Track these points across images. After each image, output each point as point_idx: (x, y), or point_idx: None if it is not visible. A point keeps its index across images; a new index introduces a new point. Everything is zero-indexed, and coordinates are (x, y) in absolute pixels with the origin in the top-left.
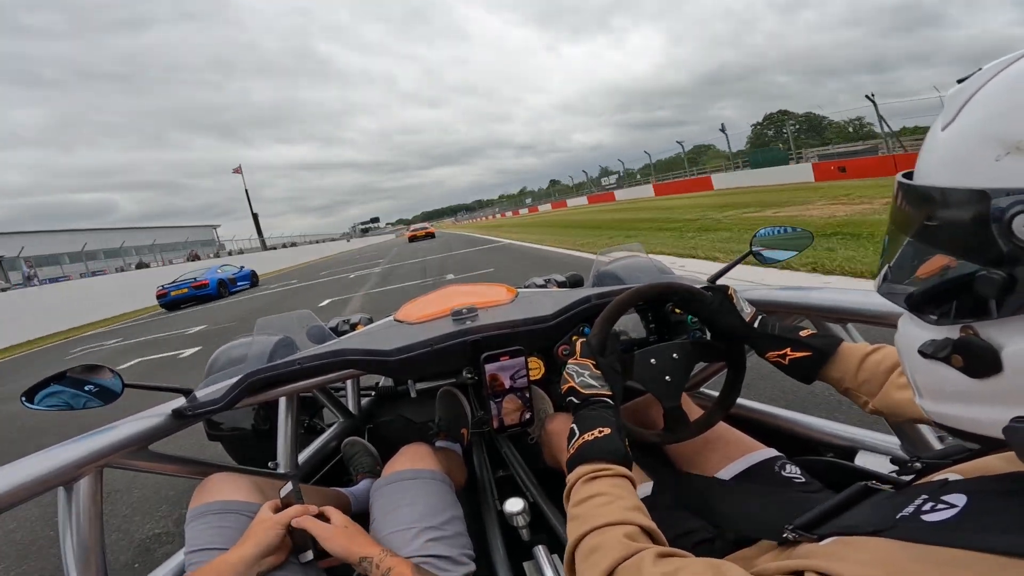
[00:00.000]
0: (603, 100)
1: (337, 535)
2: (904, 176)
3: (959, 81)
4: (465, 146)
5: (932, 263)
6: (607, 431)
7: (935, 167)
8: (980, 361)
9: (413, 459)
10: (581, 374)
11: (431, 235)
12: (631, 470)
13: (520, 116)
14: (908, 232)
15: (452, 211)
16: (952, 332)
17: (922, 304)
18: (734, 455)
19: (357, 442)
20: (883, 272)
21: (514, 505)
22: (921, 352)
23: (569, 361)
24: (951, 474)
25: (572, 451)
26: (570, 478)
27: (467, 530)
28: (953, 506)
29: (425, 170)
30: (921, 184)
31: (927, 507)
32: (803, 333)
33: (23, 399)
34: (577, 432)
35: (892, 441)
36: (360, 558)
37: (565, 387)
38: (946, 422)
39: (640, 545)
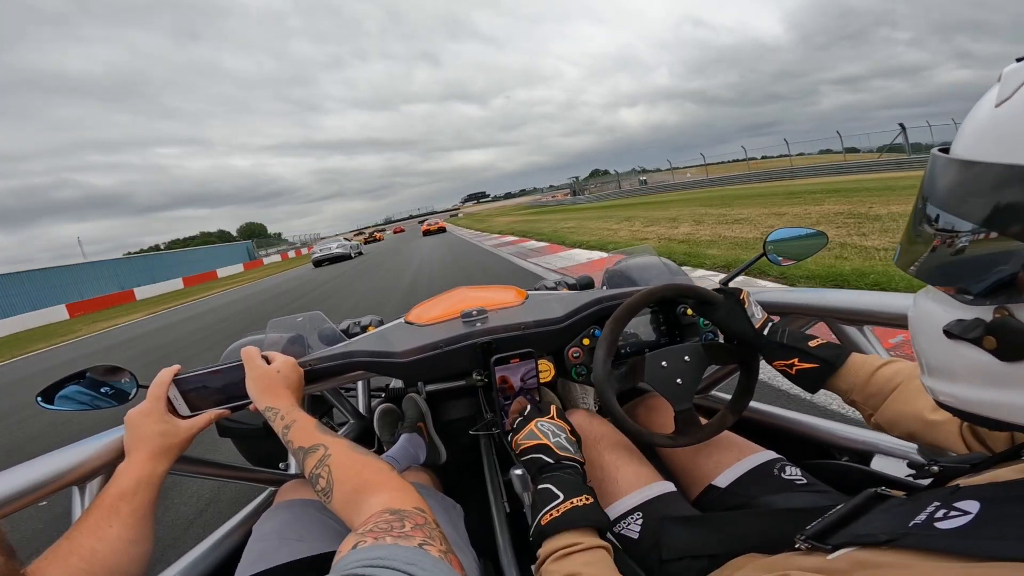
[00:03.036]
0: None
1: (257, 379)
2: (941, 150)
3: (1018, 59)
4: (508, 124)
5: (976, 242)
6: (591, 500)
7: (987, 143)
8: (1016, 344)
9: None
10: (558, 435)
11: (443, 229)
12: (609, 543)
13: (591, 93)
14: (949, 209)
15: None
16: (983, 313)
17: (960, 283)
18: (729, 460)
19: (389, 409)
20: (910, 251)
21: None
22: (947, 332)
23: (540, 419)
24: (962, 482)
25: (556, 514)
26: (544, 548)
27: (469, 541)
28: (967, 513)
29: (464, 151)
30: (973, 159)
31: (940, 514)
32: (812, 343)
33: (39, 399)
34: (562, 496)
35: (909, 445)
36: (266, 407)
37: (533, 443)
38: (961, 405)
39: None
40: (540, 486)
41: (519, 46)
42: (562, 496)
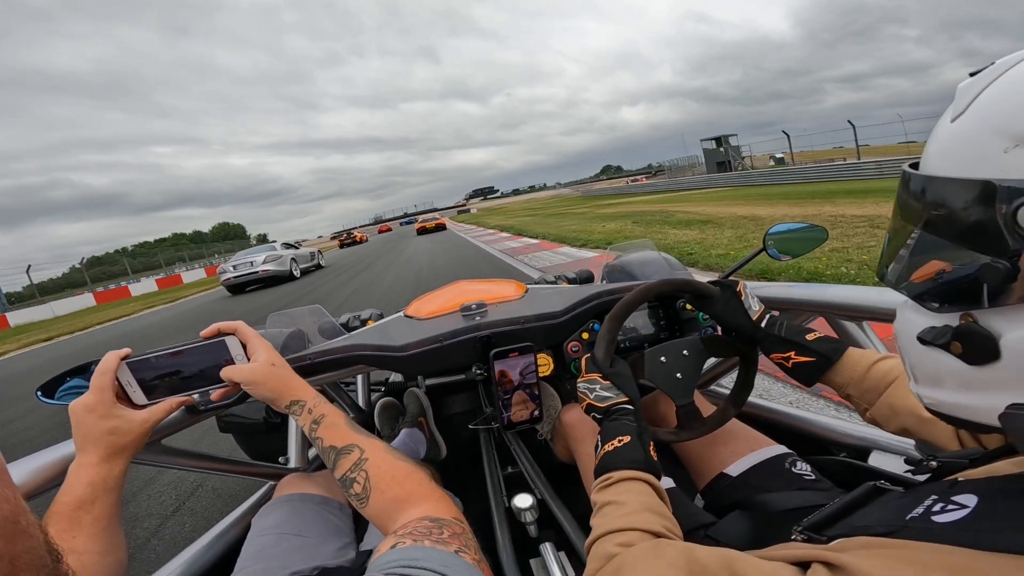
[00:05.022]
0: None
1: (267, 377)
2: (911, 166)
3: (971, 74)
4: (508, 123)
5: (936, 252)
6: (626, 439)
7: (943, 157)
8: (979, 348)
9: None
10: (592, 389)
11: (442, 227)
12: (653, 472)
13: (592, 91)
14: (912, 221)
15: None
16: (952, 319)
17: (924, 292)
18: (742, 451)
19: (390, 403)
20: (886, 260)
21: (523, 501)
22: (920, 339)
23: (578, 381)
24: (960, 476)
25: (596, 462)
26: (591, 490)
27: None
28: (964, 507)
29: (468, 150)
30: (928, 174)
31: (937, 508)
32: (810, 337)
33: (39, 394)
34: (600, 444)
35: (907, 441)
36: (291, 402)
37: (583, 405)
38: (941, 408)
39: (619, 550)
40: (597, 437)
41: (520, 42)
42: (600, 444)
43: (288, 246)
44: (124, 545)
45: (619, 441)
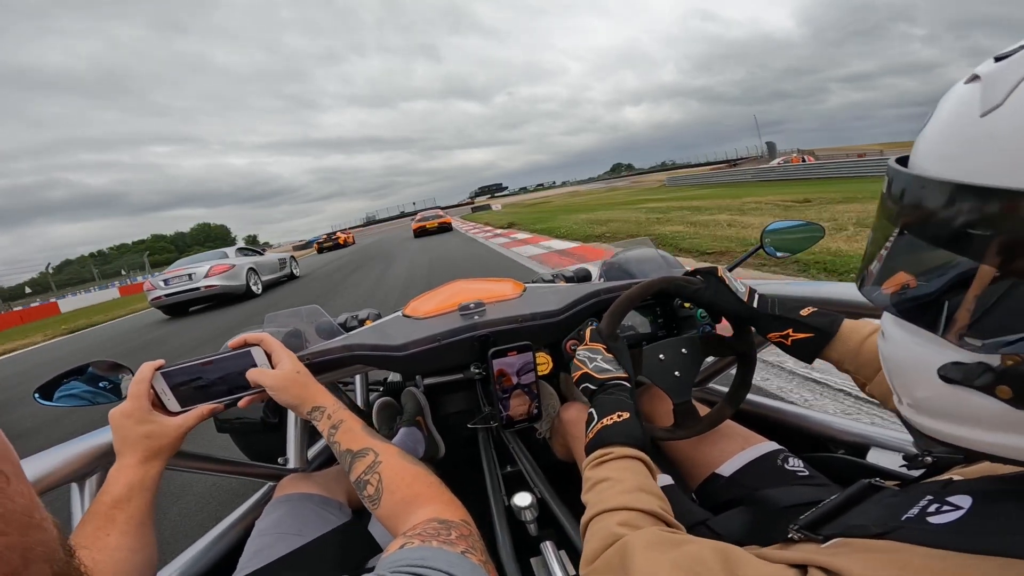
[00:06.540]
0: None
1: (292, 383)
2: (899, 162)
3: (997, 59)
4: (510, 122)
5: (970, 280)
6: (626, 415)
7: (973, 160)
8: None
9: None
10: (594, 359)
11: (446, 227)
12: (647, 452)
13: (593, 89)
14: (931, 239)
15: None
16: (990, 358)
17: (955, 323)
18: (733, 450)
19: (388, 403)
20: (878, 279)
21: (522, 499)
22: (944, 377)
23: (579, 348)
24: (955, 474)
25: (591, 436)
26: (584, 464)
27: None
28: (959, 508)
29: (469, 149)
30: (954, 180)
31: (932, 508)
32: (804, 312)
33: (36, 396)
34: (596, 417)
35: (905, 438)
36: (312, 407)
37: (577, 374)
38: (963, 443)
39: (623, 531)
40: (589, 411)
41: (522, 40)
42: (596, 417)
43: (247, 251)
44: (153, 543)
45: (619, 416)
